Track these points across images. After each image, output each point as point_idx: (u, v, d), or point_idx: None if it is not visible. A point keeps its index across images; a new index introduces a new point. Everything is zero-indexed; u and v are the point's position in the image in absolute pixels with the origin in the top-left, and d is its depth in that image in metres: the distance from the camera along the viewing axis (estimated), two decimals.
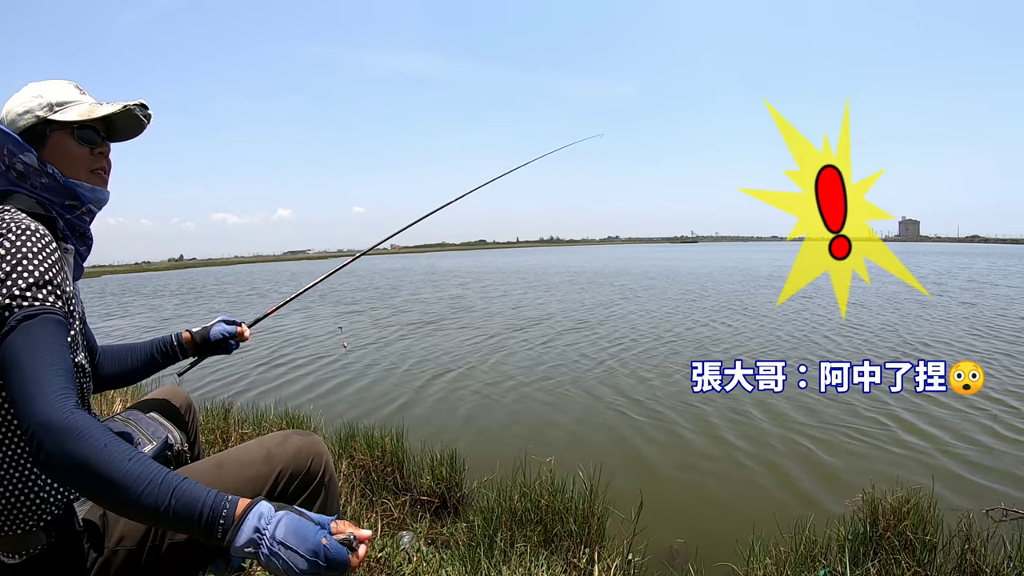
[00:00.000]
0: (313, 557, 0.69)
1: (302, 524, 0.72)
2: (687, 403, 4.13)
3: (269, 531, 0.71)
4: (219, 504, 0.72)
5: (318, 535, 0.71)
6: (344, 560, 0.71)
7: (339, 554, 0.71)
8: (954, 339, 6.19)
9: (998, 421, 3.54)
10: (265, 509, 0.73)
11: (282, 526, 0.71)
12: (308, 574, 0.69)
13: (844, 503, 2.28)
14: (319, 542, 0.70)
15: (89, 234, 1.06)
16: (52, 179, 0.95)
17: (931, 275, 16.15)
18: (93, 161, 1.01)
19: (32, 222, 0.87)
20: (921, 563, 1.79)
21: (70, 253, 1.00)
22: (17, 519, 0.87)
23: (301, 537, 0.71)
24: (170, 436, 1.16)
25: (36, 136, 0.96)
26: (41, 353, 0.77)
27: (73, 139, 0.98)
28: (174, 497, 0.70)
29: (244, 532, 0.71)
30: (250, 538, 0.70)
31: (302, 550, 0.69)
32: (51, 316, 0.81)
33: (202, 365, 1.48)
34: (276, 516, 0.72)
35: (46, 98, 0.96)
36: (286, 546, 0.70)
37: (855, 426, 3.54)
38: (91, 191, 1.01)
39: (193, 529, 0.71)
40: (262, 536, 0.70)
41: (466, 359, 5.91)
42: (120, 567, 0.93)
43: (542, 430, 3.72)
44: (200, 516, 0.70)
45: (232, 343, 1.41)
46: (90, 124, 1.00)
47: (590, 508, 2.05)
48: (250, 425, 3.13)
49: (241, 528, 0.71)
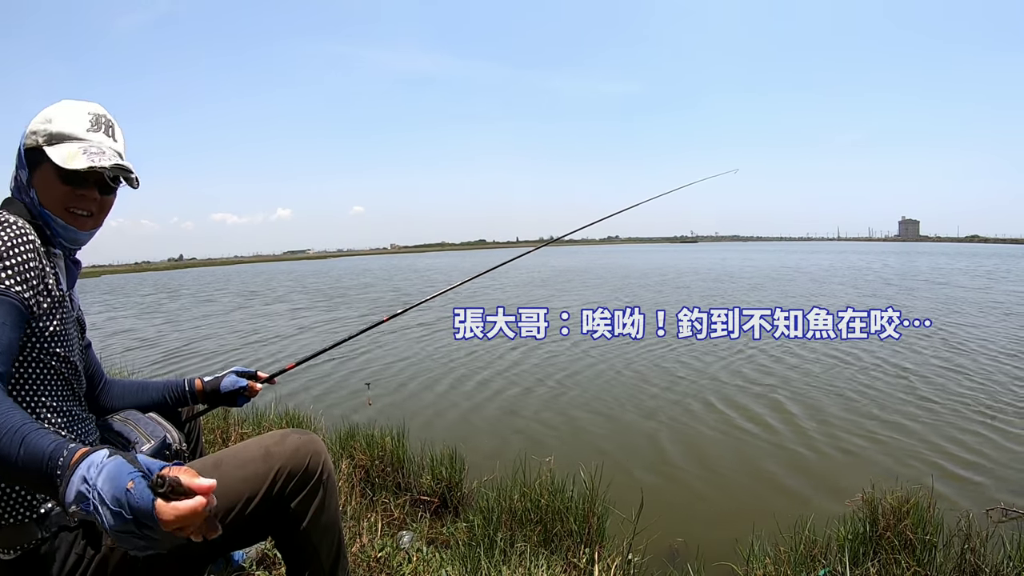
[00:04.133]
0: (117, 507, 0.57)
1: (119, 467, 0.60)
2: (688, 402, 4.14)
3: (93, 479, 0.59)
4: (57, 453, 0.63)
5: (127, 478, 0.58)
6: (147, 508, 0.57)
7: (141, 500, 0.57)
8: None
9: (998, 420, 3.55)
10: (97, 457, 0.62)
11: (104, 472, 0.60)
12: (119, 532, 0.58)
13: (844, 503, 2.28)
14: (124, 486, 0.58)
15: (72, 255, 1.06)
16: (32, 202, 0.98)
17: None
18: (73, 200, 0.99)
19: (18, 220, 0.91)
20: (921, 563, 1.79)
21: (60, 258, 1.02)
22: (8, 506, 0.87)
23: (113, 483, 0.58)
24: (168, 436, 1.16)
25: (32, 159, 0.98)
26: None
27: (56, 176, 0.97)
28: (23, 447, 0.63)
29: (73, 484, 0.60)
30: (78, 491, 0.60)
31: (108, 498, 0.58)
32: (5, 299, 0.83)
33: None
34: (104, 463, 0.61)
35: (49, 128, 0.97)
36: (101, 496, 0.58)
37: (856, 426, 3.54)
38: (64, 228, 1.00)
39: (39, 480, 0.63)
40: (90, 488, 0.59)
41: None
42: (118, 565, 0.93)
43: (542, 430, 3.73)
44: (43, 467, 0.62)
45: (241, 398, 1.40)
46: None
47: (590, 508, 2.05)
48: (250, 425, 3.13)
49: (71, 480, 0.61)
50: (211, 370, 6.14)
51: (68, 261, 1.05)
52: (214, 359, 6.75)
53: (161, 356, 7.05)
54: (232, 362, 6.49)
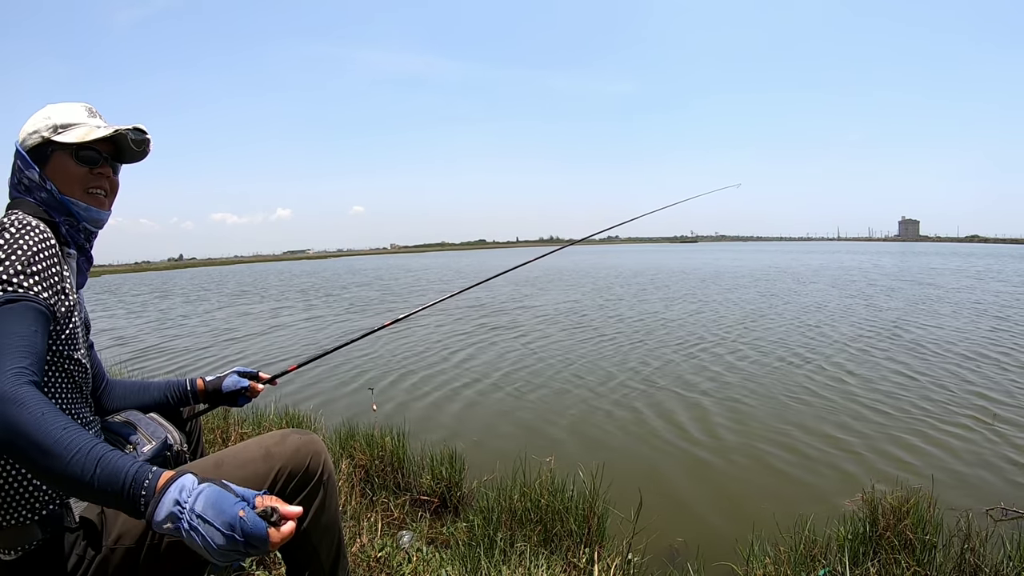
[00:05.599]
0: (229, 531, 0.65)
1: (221, 496, 0.68)
2: (687, 403, 4.14)
3: (189, 504, 0.66)
4: (141, 476, 0.68)
5: (236, 507, 0.67)
6: (262, 535, 0.66)
7: (256, 528, 0.66)
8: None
9: (998, 420, 3.55)
10: (188, 482, 0.69)
11: (202, 499, 0.67)
12: (226, 551, 0.65)
13: (844, 502, 2.28)
14: (236, 514, 0.66)
15: (87, 248, 1.08)
16: (50, 194, 1.01)
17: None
18: (90, 180, 1.04)
19: (36, 220, 0.93)
20: (921, 562, 1.79)
21: (72, 258, 1.04)
22: (11, 508, 0.87)
23: (218, 509, 0.66)
24: (169, 436, 1.16)
25: (40, 155, 1.01)
26: (11, 335, 0.79)
27: (72, 159, 1.02)
28: (99, 467, 0.67)
29: (164, 505, 0.67)
30: (170, 511, 0.66)
31: (218, 523, 0.65)
32: (31, 304, 0.84)
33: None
34: (198, 488, 0.68)
35: (53, 120, 1.02)
36: (204, 520, 0.65)
37: (855, 426, 3.54)
38: (85, 210, 1.04)
39: (119, 502, 0.68)
40: (183, 510, 0.66)
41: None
42: (118, 566, 0.93)
43: (545, 431, 3.73)
44: (123, 488, 0.67)
45: (242, 399, 1.41)
46: (91, 146, 1.03)
47: (590, 508, 2.05)
48: (250, 425, 3.13)
49: (162, 501, 0.67)
50: (175, 368, 6.27)
51: (80, 261, 1.06)
52: (182, 358, 6.78)
53: (131, 355, 7.02)
54: (199, 360, 6.61)
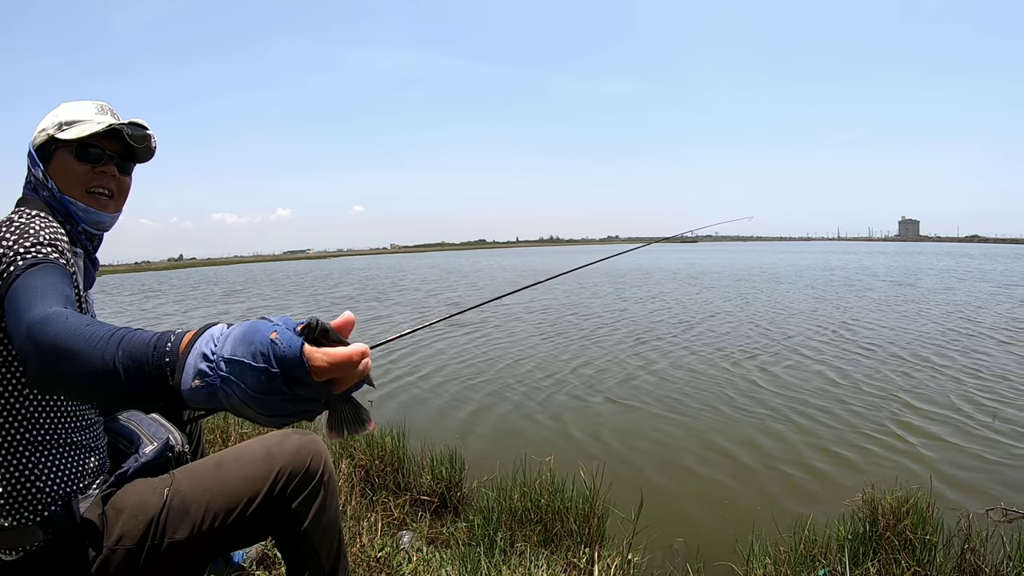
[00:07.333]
0: (263, 363, 0.47)
1: (253, 327, 0.51)
2: (691, 402, 4.14)
3: (219, 351, 0.50)
4: (163, 341, 0.55)
5: (268, 331, 0.49)
6: (295, 354, 0.47)
7: (291, 347, 0.48)
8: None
9: (998, 419, 3.55)
10: (217, 330, 0.53)
11: (231, 340, 0.50)
12: (267, 396, 0.48)
13: (844, 503, 2.28)
14: (267, 339, 0.48)
15: (91, 250, 1.06)
16: (51, 193, 0.99)
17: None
18: (92, 179, 1.02)
19: (51, 219, 0.93)
20: (921, 563, 1.79)
21: (80, 257, 1.02)
22: (14, 509, 0.87)
23: (247, 342, 0.49)
24: (171, 437, 1.16)
25: (45, 153, 1.01)
26: (41, 288, 0.75)
27: (73, 157, 1.00)
28: (121, 348, 0.56)
29: (191, 365, 0.51)
30: (198, 369, 0.50)
31: (248, 357, 0.48)
32: (54, 265, 0.82)
33: None
34: (228, 332, 0.52)
35: (59, 117, 1.01)
36: (235, 361, 0.49)
37: (855, 426, 3.54)
38: (84, 211, 1.01)
39: (145, 380, 0.54)
40: (213, 363, 0.50)
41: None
42: (119, 567, 0.93)
43: (550, 429, 3.73)
44: (147, 360, 0.54)
45: None
46: (93, 143, 1.01)
47: (590, 508, 2.05)
48: (250, 425, 3.13)
49: (187, 362, 0.51)
50: None
51: (88, 261, 1.05)
52: None
53: None
54: None
